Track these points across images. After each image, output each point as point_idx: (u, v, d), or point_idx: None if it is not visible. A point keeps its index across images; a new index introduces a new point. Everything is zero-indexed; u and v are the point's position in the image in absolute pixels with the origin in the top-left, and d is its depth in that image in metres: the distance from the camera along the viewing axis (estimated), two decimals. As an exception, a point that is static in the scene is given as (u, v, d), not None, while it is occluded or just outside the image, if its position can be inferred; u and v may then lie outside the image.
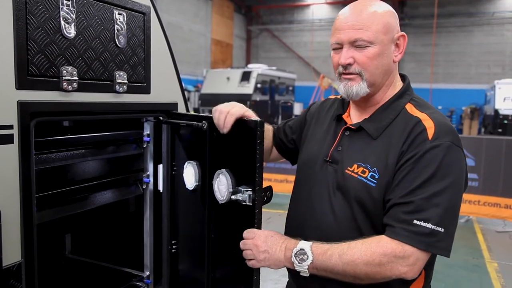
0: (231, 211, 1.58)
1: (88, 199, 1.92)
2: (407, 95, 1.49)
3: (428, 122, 1.37)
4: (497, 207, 6.40)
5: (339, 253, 1.32)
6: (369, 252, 1.29)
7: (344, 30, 1.41)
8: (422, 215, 1.28)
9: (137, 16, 1.70)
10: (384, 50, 1.41)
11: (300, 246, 1.37)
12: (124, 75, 1.64)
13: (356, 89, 1.43)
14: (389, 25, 1.42)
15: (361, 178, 1.40)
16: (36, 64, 1.32)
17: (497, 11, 20.48)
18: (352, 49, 1.41)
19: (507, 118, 13.78)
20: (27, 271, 1.34)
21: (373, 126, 1.45)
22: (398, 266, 1.28)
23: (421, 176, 1.30)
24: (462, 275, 4.91)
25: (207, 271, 1.74)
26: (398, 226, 1.29)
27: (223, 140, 1.61)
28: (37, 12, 1.31)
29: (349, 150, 1.47)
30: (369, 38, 1.38)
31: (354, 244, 1.32)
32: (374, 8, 1.41)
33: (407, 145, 1.35)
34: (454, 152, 1.33)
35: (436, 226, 1.27)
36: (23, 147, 1.30)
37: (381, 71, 1.43)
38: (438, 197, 1.29)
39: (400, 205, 1.31)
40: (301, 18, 24.18)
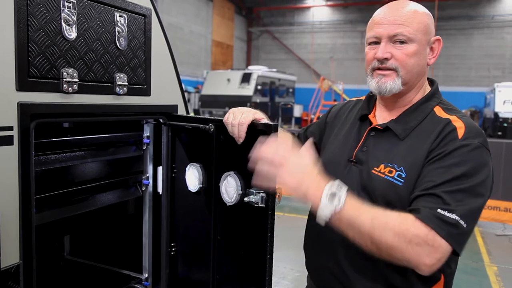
0: (241, 213, 1.59)
1: (87, 201, 1.92)
2: (435, 98, 1.47)
3: (459, 123, 1.35)
4: (497, 210, 6.40)
5: (373, 214, 1.22)
6: (404, 226, 1.20)
7: (384, 25, 1.39)
8: (446, 206, 1.22)
9: (138, 18, 1.70)
10: (421, 50, 1.40)
11: (338, 183, 1.23)
12: (124, 77, 1.64)
13: (391, 86, 1.40)
14: (428, 26, 1.41)
15: (388, 177, 1.36)
16: (37, 66, 1.32)
17: (497, 14, 20.52)
18: (390, 45, 1.39)
19: (507, 121, 13.80)
20: (25, 272, 1.34)
21: (401, 127, 1.42)
22: (425, 254, 1.19)
23: (448, 173, 1.26)
24: (461, 278, 4.90)
25: (212, 272, 1.75)
26: (423, 209, 1.22)
27: (231, 143, 1.61)
28: (38, 14, 1.31)
29: (375, 150, 1.44)
30: (410, 34, 1.37)
31: (389, 212, 1.24)
32: (415, 7, 1.41)
33: (436, 143, 1.33)
34: (483, 153, 1.30)
35: (460, 219, 1.21)
36: (22, 148, 1.29)
37: (416, 71, 1.41)
38: (462, 194, 1.24)
39: (425, 196, 1.26)
40: (301, 20, 24.21)
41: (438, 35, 1.45)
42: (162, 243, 1.95)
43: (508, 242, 6.27)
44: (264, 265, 1.52)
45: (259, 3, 24.27)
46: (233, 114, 1.55)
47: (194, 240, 1.87)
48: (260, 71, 16.85)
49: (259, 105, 16.05)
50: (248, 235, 1.56)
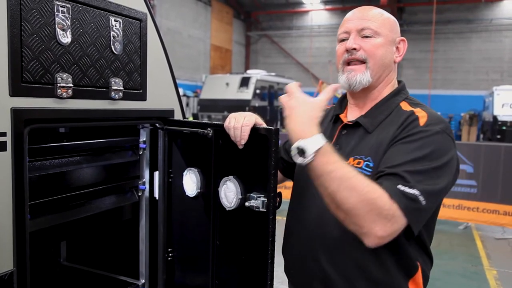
0: (241, 218, 1.58)
1: (83, 207, 1.90)
2: (402, 94, 1.55)
3: (421, 113, 1.42)
4: (496, 213, 6.38)
5: (343, 174, 1.24)
6: (372, 195, 1.22)
7: (353, 20, 1.51)
8: (406, 183, 1.25)
9: (133, 23, 1.69)
10: (388, 45, 1.50)
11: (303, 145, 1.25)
12: (120, 82, 1.63)
13: (360, 78, 1.48)
14: (393, 26, 1.53)
15: (357, 168, 1.37)
16: (31, 71, 1.31)
17: (495, 18, 20.57)
18: (359, 38, 1.49)
19: (506, 124, 13.81)
20: (19, 280, 1.32)
21: (369, 121, 1.49)
22: (380, 225, 1.21)
23: (409, 154, 1.30)
24: (461, 282, 4.88)
25: (211, 278, 1.73)
26: (385, 183, 1.25)
27: (229, 148, 1.60)
28: (32, 18, 1.30)
29: (346, 147, 1.49)
30: (376, 28, 1.48)
31: (361, 177, 1.25)
32: (381, 11, 1.54)
33: (399, 130, 1.39)
34: (445, 139, 1.35)
35: (420, 195, 1.24)
36: (16, 154, 1.28)
37: (384, 63, 1.50)
38: (423, 175, 1.27)
39: (386, 175, 1.28)
40: (300, 24, 24.25)
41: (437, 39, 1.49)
42: (159, 248, 1.94)
43: (507, 246, 6.25)
44: (265, 270, 1.50)
45: (258, 7, 24.32)
46: (234, 118, 1.55)
47: (192, 246, 1.85)
48: (258, 75, 16.85)
49: (258, 109, 16.04)
50: (249, 240, 1.54)
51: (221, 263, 1.72)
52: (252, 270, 1.55)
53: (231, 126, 1.53)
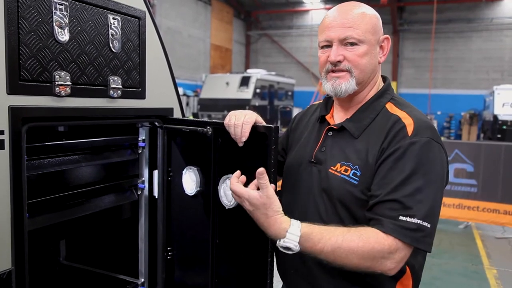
0: (240, 216, 1.57)
1: (82, 205, 1.90)
2: (387, 95, 1.52)
3: (408, 120, 1.40)
4: (496, 213, 6.38)
5: (333, 246, 1.28)
6: (367, 247, 1.27)
7: (334, 28, 1.43)
8: (407, 211, 1.28)
9: (132, 21, 1.69)
10: (372, 50, 1.45)
11: (286, 244, 1.30)
12: (118, 80, 1.63)
13: (345, 86, 1.45)
14: (376, 26, 1.46)
15: (344, 176, 1.41)
16: (28, 69, 1.31)
17: (495, 17, 20.53)
18: (342, 47, 1.43)
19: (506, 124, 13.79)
20: (18, 279, 1.32)
21: (354, 125, 1.47)
22: (387, 262, 1.28)
23: (403, 173, 1.31)
24: (461, 282, 4.88)
25: (211, 276, 1.73)
26: (385, 220, 1.29)
27: (230, 146, 1.59)
28: (29, 16, 1.30)
29: (332, 150, 1.49)
30: (359, 36, 1.42)
31: (349, 236, 1.29)
32: (362, 9, 1.46)
33: (387, 142, 1.37)
34: (433, 147, 1.35)
35: (422, 221, 1.28)
36: (14, 152, 1.28)
37: (369, 70, 1.47)
38: (421, 193, 1.30)
39: (384, 202, 1.31)
40: (300, 23, 24.23)
41: (437, 38, 1.47)
42: (158, 247, 1.94)
43: (507, 245, 6.25)
44: (265, 268, 1.50)
45: (258, 7, 24.29)
46: (235, 116, 1.54)
47: (191, 244, 1.85)
48: (259, 74, 16.84)
49: (258, 108, 16.04)
50: (248, 238, 1.54)
51: (220, 262, 1.71)
52: (252, 269, 1.55)
53: (231, 124, 1.52)
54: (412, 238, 1.28)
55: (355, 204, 1.40)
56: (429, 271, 4.99)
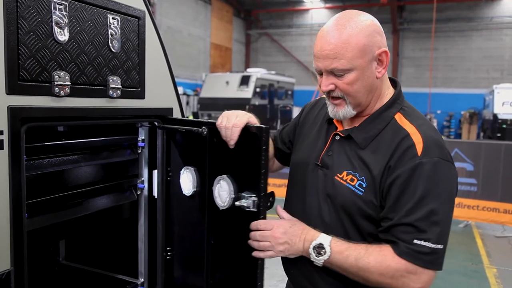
0: (233, 217, 1.57)
1: (81, 205, 1.90)
2: (397, 104, 1.48)
3: (417, 137, 1.37)
4: (496, 212, 6.38)
5: (356, 256, 1.36)
6: (384, 264, 1.33)
7: (320, 59, 1.41)
8: (421, 235, 1.31)
9: (131, 21, 1.68)
10: (364, 73, 1.39)
11: (320, 241, 1.40)
12: (118, 80, 1.62)
13: (343, 113, 1.46)
14: (365, 47, 1.37)
15: (350, 186, 1.42)
16: (27, 69, 1.30)
17: (495, 16, 20.53)
18: (332, 76, 1.41)
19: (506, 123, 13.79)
20: (17, 279, 1.31)
21: (361, 135, 1.46)
22: (410, 282, 1.32)
23: (415, 196, 1.32)
24: (461, 281, 4.88)
25: (206, 277, 1.72)
26: (400, 244, 1.33)
27: (224, 146, 1.59)
28: (28, 16, 1.29)
29: (339, 156, 1.49)
30: (345, 67, 1.37)
31: (371, 250, 1.36)
32: (349, 30, 1.36)
33: (394, 160, 1.36)
34: (443, 167, 1.35)
35: (436, 245, 1.31)
36: (13, 153, 1.27)
37: (363, 93, 1.43)
38: (434, 215, 1.31)
39: (399, 226, 1.33)
40: (300, 22, 24.22)
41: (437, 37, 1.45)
42: (157, 247, 1.93)
43: (507, 244, 6.25)
44: (255, 271, 1.49)
45: (258, 6, 24.27)
46: (227, 117, 1.55)
47: (189, 245, 1.85)
48: (259, 73, 16.82)
49: (258, 108, 16.03)
50: (241, 239, 1.52)
51: (215, 263, 1.71)
52: (245, 271, 1.53)
53: (222, 126, 1.54)
54: (426, 262, 1.31)
55: (358, 214, 1.41)
56: (429, 270, 4.99)
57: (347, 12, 1.43)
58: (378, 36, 1.40)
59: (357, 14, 1.41)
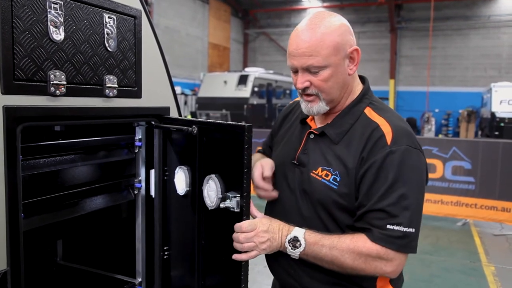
0: (221, 218, 1.55)
1: (78, 205, 1.89)
2: (365, 99, 1.56)
3: (386, 127, 1.45)
4: (494, 210, 6.39)
5: (330, 245, 1.42)
6: (356, 250, 1.40)
7: (296, 57, 1.47)
8: (393, 219, 1.38)
9: (127, 20, 1.68)
10: (337, 70, 1.47)
11: (294, 234, 1.45)
12: (114, 79, 1.62)
13: (317, 109, 1.53)
14: (339, 44, 1.45)
15: (324, 181, 1.49)
16: (23, 69, 1.30)
17: (493, 14, 20.55)
18: (307, 73, 1.48)
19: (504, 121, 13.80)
20: (13, 279, 1.31)
21: (334, 131, 1.53)
22: (382, 266, 1.40)
23: (386, 182, 1.39)
24: (459, 279, 4.89)
25: (197, 279, 1.72)
26: (374, 230, 1.40)
27: (213, 146, 1.59)
28: (23, 15, 1.29)
29: (314, 153, 1.55)
30: (320, 63, 1.44)
31: (344, 238, 1.43)
32: (323, 29, 1.44)
33: (367, 151, 1.44)
34: (412, 154, 1.42)
35: (408, 228, 1.38)
36: (8, 152, 1.27)
37: (337, 89, 1.50)
38: (405, 199, 1.38)
39: (371, 212, 1.40)
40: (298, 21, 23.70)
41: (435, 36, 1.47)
42: (155, 247, 1.93)
43: (505, 242, 6.26)
44: (239, 272, 1.47)
45: (256, 5, 24.26)
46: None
47: (184, 245, 1.84)
48: (257, 73, 16.81)
49: (256, 107, 16.03)
50: (228, 240, 1.50)
51: (206, 263, 1.70)
52: (231, 272, 1.51)
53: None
54: (398, 245, 1.38)
55: (334, 207, 1.48)
56: (427, 268, 5.00)
57: (319, 13, 1.50)
58: (349, 35, 1.50)
59: (329, 15, 1.49)
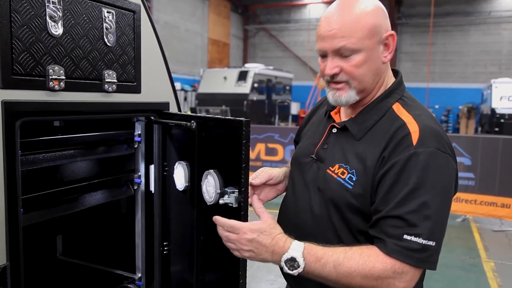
0: (219, 213, 1.55)
1: (78, 200, 1.89)
2: (396, 94, 1.42)
3: (413, 126, 1.31)
4: (494, 206, 6.39)
5: (334, 263, 1.26)
6: (368, 266, 1.23)
7: (327, 38, 1.33)
8: (412, 230, 1.22)
9: (126, 14, 1.67)
10: (371, 55, 1.34)
11: (291, 254, 1.29)
12: (113, 74, 1.61)
13: (346, 99, 1.39)
14: (375, 27, 1.32)
15: (340, 179, 1.36)
16: (21, 63, 1.29)
17: (493, 10, 20.51)
18: (337, 58, 1.34)
19: (504, 117, 13.79)
20: (13, 274, 1.31)
21: (357, 127, 1.40)
22: (396, 282, 1.23)
23: (407, 186, 1.24)
24: (458, 275, 4.90)
25: (196, 274, 1.72)
26: (388, 241, 1.24)
27: (211, 141, 1.59)
28: (21, 9, 1.28)
29: (334, 149, 1.44)
30: (354, 46, 1.31)
31: (351, 254, 1.26)
32: (358, 9, 1.32)
33: (389, 150, 1.29)
34: (440, 158, 1.27)
35: (428, 241, 1.22)
36: (7, 147, 1.27)
37: (370, 77, 1.37)
38: (427, 208, 1.22)
39: (388, 218, 1.25)
40: (298, 17, 24.16)
41: (435, 32, 1.42)
42: (154, 242, 1.93)
43: (505, 238, 6.27)
44: (237, 269, 1.46)
45: (255, 1, 24.20)
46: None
47: (184, 240, 1.85)
48: (256, 69, 16.79)
49: (256, 103, 16.02)
50: None
51: (205, 259, 1.69)
52: (230, 268, 1.50)
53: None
54: (417, 260, 1.22)
55: (347, 208, 1.36)
56: (426, 264, 5.00)
57: None
58: (385, 19, 1.37)
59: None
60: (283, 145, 7.91)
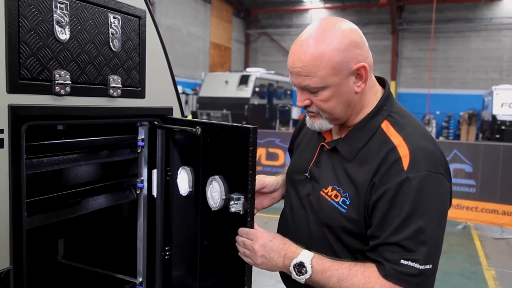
0: (224, 219, 1.56)
1: (81, 204, 1.90)
2: (383, 111, 1.38)
3: (403, 149, 1.28)
4: (495, 213, 6.38)
5: (338, 277, 1.29)
6: (369, 285, 1.26)
7: (294, 75, 1.34)
8: (409, 255, 1.23)
9: (132, 20, 1.68)
10: (339, 89, 1.31)
11: (300, 259, 1.33)
12: (118, 79, 1.62)
13: (319, 126, 1.41)
14: (339, 64, 1.28)
15: (333, 202, 1.37)
16: (28, 68, 1.31)
17: (494, 17, 20.55)
18: (306, 92, 1.35)
19: (505, 124, 13.80)
20: (16, 278, 1.32)
21: (347, 148, 1.39)
22: None
23: (401, 213, 1.24)
24: (459, 282, 4.89)
25: (199, 279, 1.72)
26: (387, 265, 1.25)
27: (217, 147, 1.59)
28: (29, 15, 1.29)
29: (326, 168, 1.43)
30: (317, 84, 1.30)
31: (354, 271, 1.29)
32: (322, 46, 1.27)
33: (379, 176, 1.28)
34: (432, 182, 1.26)
35: (425, 265, 1.23)
36: (13, 151, 1.28)
37: (340, 109, 1.35)
38: (422, 234, 1.23)
39: (385, 245, 1.26)
40: (299, 22, 24.20)
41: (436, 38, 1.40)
42: (156, 247, 1.93)
43: (506, 246, 6.26)
44: (243, 274, 1.47)
45: (257, 5, 24.27)
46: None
47: (186, 245, 1.85)
48: (258, 73, 16.80)
49: (257, 107, 16.02)
50: (231, 241, 1.50)
51: (208, 265, 1.70)
52: (234, 274, 1.51)
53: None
54: (413, 283, 1.23)
55: (341, 231, 1.36)
56: (427, 271, 4.99)
57: (325, 21, 1.33)
58: (355, 49, 1.30)
59: (334, 24, 1.31)
60: (284, 150, 7.91)
